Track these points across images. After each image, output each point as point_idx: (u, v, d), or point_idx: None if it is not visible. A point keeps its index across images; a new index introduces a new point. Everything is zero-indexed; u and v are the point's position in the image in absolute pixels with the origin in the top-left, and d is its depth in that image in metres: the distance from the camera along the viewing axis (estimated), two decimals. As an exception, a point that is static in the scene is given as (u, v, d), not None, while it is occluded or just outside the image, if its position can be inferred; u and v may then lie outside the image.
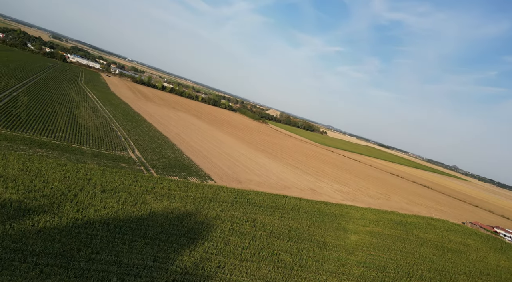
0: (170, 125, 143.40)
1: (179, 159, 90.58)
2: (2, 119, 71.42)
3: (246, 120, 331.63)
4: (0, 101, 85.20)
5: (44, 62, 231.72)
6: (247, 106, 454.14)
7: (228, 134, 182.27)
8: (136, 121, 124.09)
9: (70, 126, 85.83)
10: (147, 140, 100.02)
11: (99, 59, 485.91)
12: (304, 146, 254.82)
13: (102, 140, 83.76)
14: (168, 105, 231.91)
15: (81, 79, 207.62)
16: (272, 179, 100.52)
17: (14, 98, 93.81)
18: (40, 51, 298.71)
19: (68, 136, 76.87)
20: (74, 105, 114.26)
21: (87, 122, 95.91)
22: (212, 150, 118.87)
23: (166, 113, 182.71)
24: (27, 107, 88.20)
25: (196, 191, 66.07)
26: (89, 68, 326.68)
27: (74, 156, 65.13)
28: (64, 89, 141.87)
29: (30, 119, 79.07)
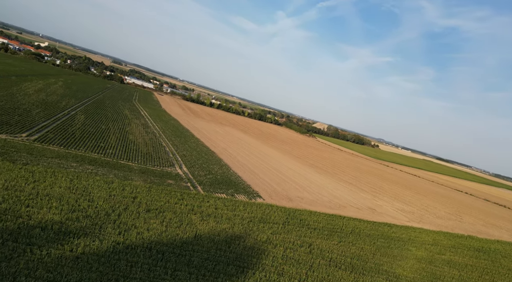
0: (217, 140, 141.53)
1: (226, 174, 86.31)
2: (58, 137, 72.81)
3: (292, 134, 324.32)
4: (59, 120, 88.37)
5: (104, 84, 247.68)
6: (293, 120, 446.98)
7: (275, 148, 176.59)
8: (185, 137, 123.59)
9: (121, 143, 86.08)
10: (195, 155, 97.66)
11: (153, 79, 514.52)
12: (356, 160, 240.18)
13: (151, 156, 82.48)
14: (216, 120, 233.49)
15: (135, 98, 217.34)
16: (325, 197, 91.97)
17: (72, 117, 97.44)
18: (101, 74, 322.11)
19: (118, 152, 76.43)
20: (126, 123, 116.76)
21: (137, 139, 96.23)
22: (260, 165, 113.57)
23: (213, 128, 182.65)
24: (82, 125, 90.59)
25: (244, 210, 60.51)
26: (144, 88, 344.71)
27: (122, 173, 63.45)
28: (118, 108, 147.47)
29: (84, 136, 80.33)
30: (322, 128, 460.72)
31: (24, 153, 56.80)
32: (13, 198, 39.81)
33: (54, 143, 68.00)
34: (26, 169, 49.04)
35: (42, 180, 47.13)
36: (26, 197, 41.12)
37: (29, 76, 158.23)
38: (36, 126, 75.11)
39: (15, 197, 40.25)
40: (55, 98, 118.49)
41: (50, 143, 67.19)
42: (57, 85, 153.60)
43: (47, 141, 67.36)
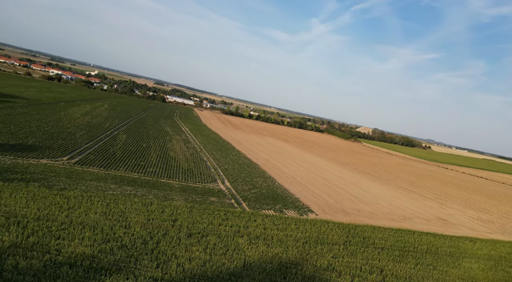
0: (258, 151, 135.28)
1: (272, 187, 79.05)
2: (99, 159, 70.73)
3: (336, 140, 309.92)
4: (101, 141, 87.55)
5: (146, 104, 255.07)
6: (335, 126, 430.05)
7: (319, 156, 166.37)
8: (226, 150, 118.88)
9: (161, 160, 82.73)
10: (237, 168, 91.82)
11: (193, 96, 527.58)
12: (410, 164, 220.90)
13: (192, 172, 77.90)
14: (256, 131, 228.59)
15: (176, 115, 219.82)
16: (385, 207, 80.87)
17: (114, 137, 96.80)
18: (144, 95, 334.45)
19: (158, 170, 72.68)
20: (167, 139, 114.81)
21: (178, 155, 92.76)
22: (306, 175, 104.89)
23: (253, 139, 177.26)
24: (123, 145, 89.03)
25: (296, 229, 52.59)
26: (185, 105, 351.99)
27: (162, 192, 58.86)
28: (160, 125, 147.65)
29: (124, 156, 77.96)
30: (367, 132, 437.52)
31: (63, 177, 54.24)
32: (43, 229, 35.84)
33: (94, 164, 65.68)
34: (61, 194, 45.71)
35: (77, 206, 43.28)
36: (58, 227, 37.03)
37: (78, 101, 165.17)
38: (78, 149, 73.95)
39: (46, 227, 36.27)
40: (100, 120, 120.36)
41: (90, 165, 64.92)
42: (102, 108, 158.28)
43: (87, 163, 65.18)
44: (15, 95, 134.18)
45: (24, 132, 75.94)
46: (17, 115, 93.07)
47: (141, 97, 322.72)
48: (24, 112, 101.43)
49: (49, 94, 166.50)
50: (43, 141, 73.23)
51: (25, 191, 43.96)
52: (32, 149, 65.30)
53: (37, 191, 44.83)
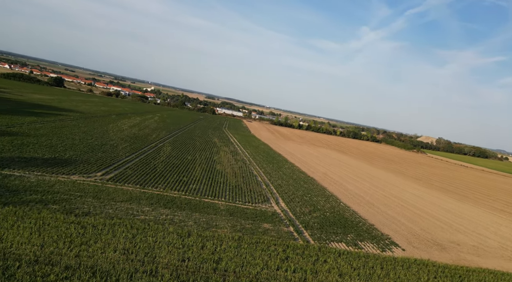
0: (314, 164, 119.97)
1: (337, 209, 63.80)
2: (137, 174, 61.79)
3: (397, 151, 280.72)
4: (143, 154, 79.75)
5: (196, 116, 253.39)
6: (392, 135, 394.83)
7: (383, 169, 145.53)
8: (277, 163, 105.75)
9: (207, 174, 72.05)
10: (292, 185, 78.00)
11: (242, 108, 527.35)
12: (493, 178, 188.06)
13: (240, 189, 65.84)
14: (307, 142, 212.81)
15: (225, 126, 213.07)
16: (490, 238, 60.98)
17: (158, 149, 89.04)
18: (195, 108, 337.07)
19: (202, 187, 61.74)
20: (215, 151, 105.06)
21: (225, 168, 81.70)
22: (374, 192, 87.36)
23: (306, 150, 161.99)
24: (166, 158, 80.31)
25: (385, 276, 37.11)
26: (234, 117, 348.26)
27: (205, 216, 47.24)
28: (208, 136, 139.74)
29: (166, 170, 68.53)
30: (430, 142, 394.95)
31: (90, 198, 45.13)
32: (36, 279, 25.49)
33: (130, 181, 56.57)
34: (78, 222, 35.86)
35: (94, 240, 32.88)
36: (58, 274, 26.50)
37: (129, 114, 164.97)
38: (117, 163, 66.06)
39: (42, 276, 25.89)
40: (147, 132, 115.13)
41: (125, 181, 55.88)
42: (152, 120, 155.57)
43: (122, 180, 56.27)
44: (70, 109, 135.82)
45: (64, 145, 70.37)
46: (64, 128, 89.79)
47: (192, 109, 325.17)
48: (73, 125, 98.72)
49: (104, 108, 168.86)
50: (81, 154, 66.62)
51: (34, 218, 34.81)
52: (66, 163, 58.27)
53: (49, 218, 35.48)
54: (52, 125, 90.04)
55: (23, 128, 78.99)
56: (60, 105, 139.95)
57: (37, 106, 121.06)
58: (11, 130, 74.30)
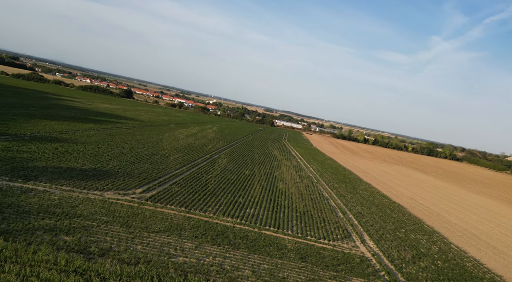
0: (394, 185, 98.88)
1: (450, 256, 44.58)
2: (184, 191, 50.19)
3: (486, 172, 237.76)
4: (196, 166, 68.86)
5: (255, 127, 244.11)
6: (475, 153, 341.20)
7: (482, 195, 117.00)
8: (350, 182, 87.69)
9: (267, 194, 58.02)
10: (376, 213, 60.02)
11: (300, 121, 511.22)
12: None
13: (310, 217, 50.38)
14: (378, 158, 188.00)
15: (285, 138, 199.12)
16: None
17: (213, 161, 77.88)
18: (254, 120, 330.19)
19: (262, 213, 47.75)
20: (275, 165, 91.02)
21: (289, 187, 66.91)
22: (489, 229, 64.77)
23: (380, 168, 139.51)
24: (221, 172, 68.32)
25: None
26: (293, 129, 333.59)
27: (267, 262, 32.90)
28: (267, 148, 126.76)
29: (219, 188, 56.10)
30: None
31: (118, 225, 33.87)
32: None
33: (174, 201, 44.93)
34: (82, 273, 24.00)
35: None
36: None
37: (188, 124, 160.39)
38: (163, 177, 55.55)
39: None
40: (203, 142, 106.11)
41: (168, 201, 44.37)
42: (210, 130, 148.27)
43: (165, 199, 44.88)
44: (132, 117, 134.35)
45: (111, 154, 62.44)
46: (117, 136, 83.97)
47: (251, 121, 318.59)
48: (128, 133, 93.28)
49: (165, 118, 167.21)
50: (126, 165, 57.59)
51: (22, 262, 23.76)
52: (104, 175, 49.03)
53: (44, 263, 24.18)
54: (107, 133, 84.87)
55: (76, 135, 73.99)
56: (123, 114, 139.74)
57: (100, 114, 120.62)
58: (62, 136, 69.26)
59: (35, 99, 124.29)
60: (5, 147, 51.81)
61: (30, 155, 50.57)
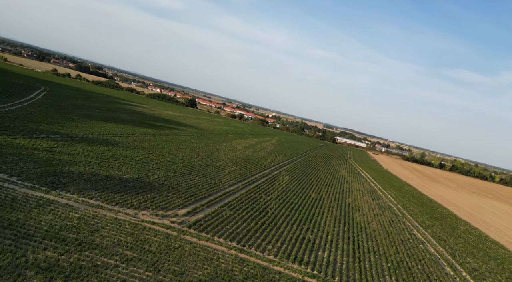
0: (502, 228, 76.65)
1: None
2: (237, 217, 39.24)
3: None
4: (253, 183, 57.93)
5: (316, 143, 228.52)
6: None
7: None
8: (444, 219, 68.82)
9: (342, 229, 44.30)
10: (498, 272, 42.24)
11: (363, 139, 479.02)
12: None
13: (409, 271, 35.47)
14: (462, 187, 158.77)
15: (350, 156, 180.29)
16: None
17: (273, 178, 66.32)
18: (314, 135, 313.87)
19: (340, 260, 34.38)
20: (346, 189, 76.12)
21: (369, 220, 52.03)
22: None
23: (471, 201, 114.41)
24: (282, 192, 56.28)
25: None
26: (356, 147, 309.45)
27: None
28: (333, 167, 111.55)
29: (281, 215, 44.08)
30: None
31: (142, 268, 23.76)
32: None
33: (224, 230, 34.07)
34: None
35: None
36: None
37: (247, 135, 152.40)
38: (215, 194, 45.46)
39: None
40: (262, 154, 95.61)
41: (217, 230, 33.67)
42: (269, 143, 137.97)
43: (212, 227, 34.29)
44: (191, 125, 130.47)
45: (159, 163, 54.68)
46: (172, 142, 77.57)
47: (311, 136, 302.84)
48: (184, 140, 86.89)
49: (224, 127, 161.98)
50: (174, 176, 48.93)
51: None
52: (145, 188, 40.44)
53: None
54: (162, 139, 79.07)
55: (129, 139, 68.73)
56: (183, 121, 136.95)
57: (160, 120, 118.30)
58: (114, 139, 64.12)
59: (104, 103, 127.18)
60: (48, 146, 46.67)
61: (71, 158, 44.46)
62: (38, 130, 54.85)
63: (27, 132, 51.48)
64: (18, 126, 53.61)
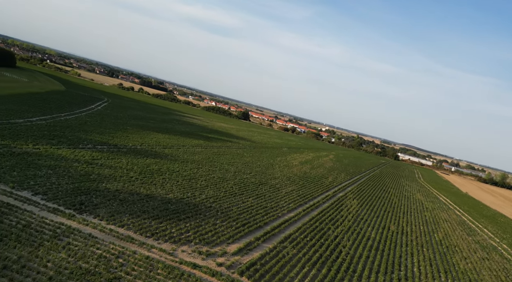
0: None
1: None
2: (298, 258, 29.74)
3: None
4: (316, 208, 47.88)
5: (376, 159, 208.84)
6: None
7: None
8: None
9: (445, 277, 32.16)
10: None
11: (428, 157, 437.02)
12: None
13: None
14: None
15: (418, 176, 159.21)
16: None
17: (338, 201, 55.42)
18: (373, 151, 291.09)
19: None
20: (429, 218, 61.86)
21: (473, 266, 38.64)
22: None
23: None
24: (354, 222, 45.26)
25: None
26: (422, 166, 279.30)
27: None
28: (404, 189, 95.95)
29: (355, 256, 33.47)
30: None
31: None
32: None
33: (287, 279, 24.88)
34: None
35: None
36: None
37: (302, 149, 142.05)
38: (271, 223, 36.59)
39: None
40: (321, 172, 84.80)
41: (277, 280, 24.56)
42: (327, 158, 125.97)
43: (272, 275, 25.28)
44: (244, 137, 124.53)
45: (209, 179, 47.67)
46: (224, 156, 71.01)
47: (369, 152, 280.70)
48: (236, 153, 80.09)
49: (277, 140, 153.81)
50: (224, 197, 41.27)
51: None
52: (189, 212, 33.11)
53: None
54: (213, 151, 73.05)
55: (179, 151, 63.51)
56: (236, 133, 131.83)
57: (213, 132, 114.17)
58: (163, 151, 59.17)
59: (159, 114, 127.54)
60: (91, 158, 42.25)
61: (112, 172, 39.23)
62: (87, 140, 51.67)
63: (74, 142, 48.24)
64: (67, 135, 50.89)
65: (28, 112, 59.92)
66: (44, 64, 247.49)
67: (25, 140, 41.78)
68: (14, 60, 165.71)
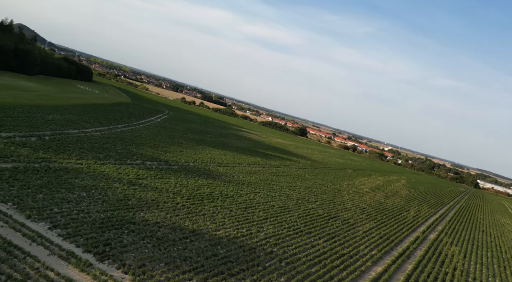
0: None
1: None
2: None
3: None
4: (409, 258, 35.93)
5: (454, 187, 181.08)
6: None
7: None
8: None
9: None
10: None
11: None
12: None
13: None
14: None
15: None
16: None
17: (434, 249, 42.34)
18: (447, 176, 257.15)
19: None
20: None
21: None
22: None
23: None
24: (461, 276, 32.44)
25: None
26: (509, 196, 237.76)
27: None
28: (505, 228, 76.41)
29: None
30: None
31: None
32: None
33: None
34: None
35: None
36: None
37: (368, 171, 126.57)
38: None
39: None
40: (398, 202, 70.74)
41: None
42: (399, 184, 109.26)
43: None
44: (303, 155, 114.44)
45: (268, 209, 39.00)
46: (283, 177, 62.06)
47: (443, 177, 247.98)
48: (297, 174, 70.56)
49: (339, 160, 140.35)
50: (286, 238, 32.14)
51: None
52: (242, 263, 24.63)
53: None
54: (272, 171, 64.58)
55: (234, 170, 56.27)
56: (294, 151, 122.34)
57: (271, 148, 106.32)
58: (217, 170, 52.35)
59: (217, 128, 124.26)
60: (136, 177, 36.62)
61: (156, 196, 32.80)
62: (137, 154, 47.03)
63: (122, 156, 43.66)
64: (117, 149, 46.80)
65: (86, 123, 58.27)
66: (117, 79, 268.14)
67: (69, 153, 37.84)
68: (91, 75, 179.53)
